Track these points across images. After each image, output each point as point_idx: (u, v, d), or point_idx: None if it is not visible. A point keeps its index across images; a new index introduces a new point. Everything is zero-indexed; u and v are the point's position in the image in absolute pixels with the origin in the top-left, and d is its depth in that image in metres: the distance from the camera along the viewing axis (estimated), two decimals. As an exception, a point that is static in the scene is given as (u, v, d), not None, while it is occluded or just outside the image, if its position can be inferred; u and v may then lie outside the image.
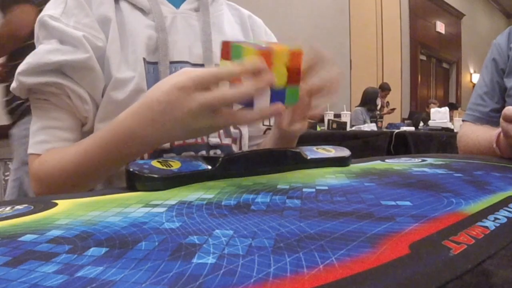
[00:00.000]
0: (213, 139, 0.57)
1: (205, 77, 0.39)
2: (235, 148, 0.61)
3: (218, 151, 0.58)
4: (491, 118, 0.86)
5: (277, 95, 0.40)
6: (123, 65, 0.52)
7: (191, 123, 0.39)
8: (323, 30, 4.33)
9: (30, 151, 0.51)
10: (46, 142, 0.50)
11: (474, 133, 0.81)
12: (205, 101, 0.38)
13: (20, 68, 0.48)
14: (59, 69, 0.49)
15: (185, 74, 0.39)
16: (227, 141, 0.60)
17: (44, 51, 0.48)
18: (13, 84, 0.50)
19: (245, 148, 0.64)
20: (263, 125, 0.67)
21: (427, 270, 0.16)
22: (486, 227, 0.22)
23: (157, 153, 0.53)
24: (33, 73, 0.48)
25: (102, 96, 0.52)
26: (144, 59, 0.53)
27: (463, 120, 0.94)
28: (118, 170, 0.47)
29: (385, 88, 4.51)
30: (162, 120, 0.40)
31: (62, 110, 0.51)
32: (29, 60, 0.48)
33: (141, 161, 0.37)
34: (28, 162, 0.52)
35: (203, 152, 0.57)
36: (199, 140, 0.57)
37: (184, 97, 0.38)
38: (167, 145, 0.53)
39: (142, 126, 0.41)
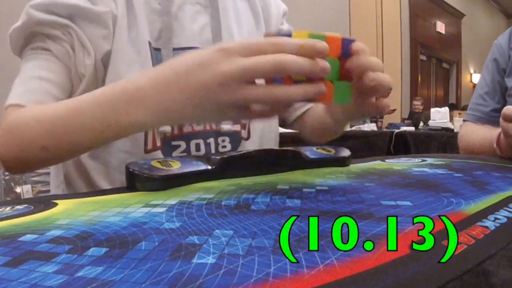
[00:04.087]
0: (225, 126, 0.56)
1: (259, 43, 0.31)
2: (244, 134, 0.60)
3: (227, 139, 0.57)
4: (492, 118, 0.86)
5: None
6: (128, 44, 0.50)
7: (216, 92, 0.31)
8: (323, 30, 4.33)
9: (9, 101, 0.44)
10: (33, 92, 0.44)
11: (474, 133, 0.82)
12: (245, 66, 0.30)
13: (34, 1, 0.45)
14: (72, 16, 0.46)
15: (235, 41, 0.34)
16: (236, 127, 0.58)
17: None
18: (18, 22, 0.46)
19: (254, 132, 0.61)
20: None
21: (427, 270, 0.16)
22: (486, 227, 0.22)
23: (166, 141, 0.52)
24: (46, 9, 0.45)
25: (104, 66, 0.49)
26: (149, 42, 0.52)
27: (464, 120, 0.95)
28: (104, 142, 0.39)
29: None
30: (182, 83, 0.32)
31: (59, 64, 0.47)
32: None
33: (141, 161, 0.37)
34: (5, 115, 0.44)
35: (211, 140, 0.56)
36: (207, 127, 0.55)
37: (222, 58, 0.31)
38: (175, 131, 0.52)
39: (155, 87, 0.33)
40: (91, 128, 0.37)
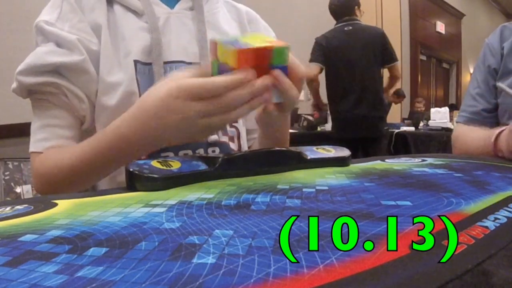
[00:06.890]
0: (211, 136, 0.58)
1: (200, 89, 0.39)
2: (233, 146, 0.61)
3: (217, 149, 0.58)
4: (485, 118, 0.85)
5: None
6: (116, 68, 0.53)
7: (185, 129, 0.40)
8: (323, 31, 4.33)
9: (31, 149, 0.52)
10: (46, 140, 0.52)
11: (469, 135, 0.80)
12: (202, 108, 0.38)
13: (19, 68, 0.50)
14: (56, 70, 0.50)
15: (179, 81, 0.39)
16: (224, 138, 0.60)
17: (42, 53, 0.50)
18: (14, 85, 0.51)
19: (244, 145, 0.64)
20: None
21: (427, 270, 0.16)
22: (486, 227, 0.22)
23: (155, 152, 0.53)
24: (32, 73, 0.50)
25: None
26: (135, 61, 0.54)
27: (457, 122, 0.94)
28: (115, 170, 0.48)
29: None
30: (154, 124, 0.40)
31: (61, 109, 0.53)
32: (28, 61, 0.50)
33: (141, 161, 0.37)
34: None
35: (201, 150, 0.57)
36: None
37: (180, 105, 0.39)
38: None
39: (134, 131, 0.42)
40: (97, 172, 0.48)
